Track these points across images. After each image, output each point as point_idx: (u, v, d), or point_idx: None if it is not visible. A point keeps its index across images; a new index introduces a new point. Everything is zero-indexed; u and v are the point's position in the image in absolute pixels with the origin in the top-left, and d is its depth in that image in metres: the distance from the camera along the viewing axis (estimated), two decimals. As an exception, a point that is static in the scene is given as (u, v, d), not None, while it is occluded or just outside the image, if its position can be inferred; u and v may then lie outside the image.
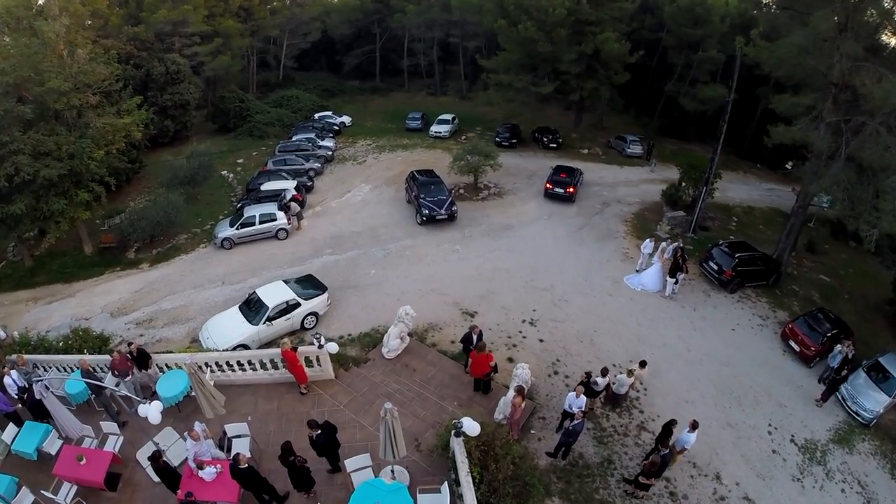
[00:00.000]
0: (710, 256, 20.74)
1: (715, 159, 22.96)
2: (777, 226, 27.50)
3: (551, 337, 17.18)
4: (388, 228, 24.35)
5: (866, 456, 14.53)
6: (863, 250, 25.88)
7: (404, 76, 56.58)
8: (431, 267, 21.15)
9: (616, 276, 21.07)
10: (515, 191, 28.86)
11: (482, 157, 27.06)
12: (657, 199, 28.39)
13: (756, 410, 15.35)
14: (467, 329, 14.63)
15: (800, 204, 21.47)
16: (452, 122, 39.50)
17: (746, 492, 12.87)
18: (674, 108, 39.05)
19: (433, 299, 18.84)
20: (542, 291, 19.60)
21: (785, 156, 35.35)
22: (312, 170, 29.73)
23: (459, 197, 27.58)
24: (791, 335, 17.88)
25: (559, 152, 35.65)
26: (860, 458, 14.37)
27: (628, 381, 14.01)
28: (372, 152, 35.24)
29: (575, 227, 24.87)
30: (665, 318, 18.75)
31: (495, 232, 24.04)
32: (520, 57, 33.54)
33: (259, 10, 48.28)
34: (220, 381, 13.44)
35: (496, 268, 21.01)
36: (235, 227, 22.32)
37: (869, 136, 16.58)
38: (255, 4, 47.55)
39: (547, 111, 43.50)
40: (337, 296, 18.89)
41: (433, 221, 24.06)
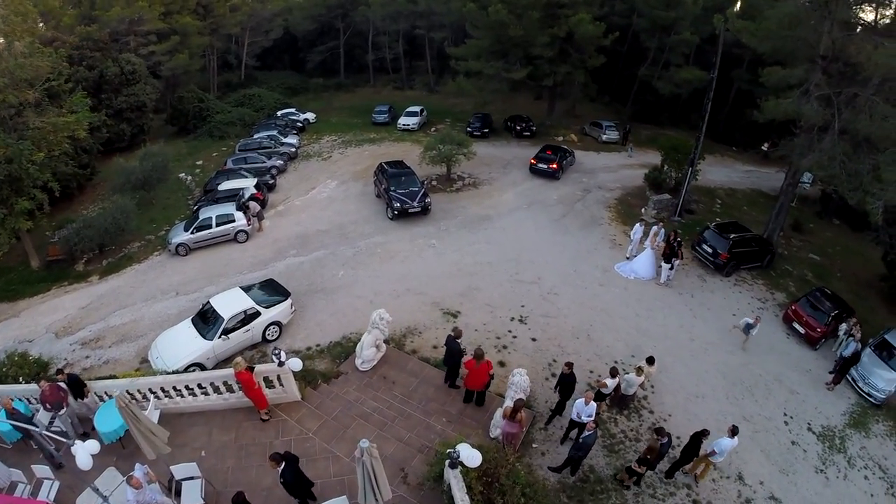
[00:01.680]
0: (703, 239, 20.07)
1: (700, 139, 22.49)
2: (760, 206, 27.57)
3: (544, 335, 15.92)
4: (356, 225, 22.75)
5: (883, 438, 14.37)
6: (847, 228, 26.39)
7: (370, 71, 55.97)
8: (406, 264, 19.60)
9: (606, 264, 20.09)
10: (491, 180, 27.68)
11: (455, 146, 25.79)
12: (639, 184, 27.87)
13: (769, 400, 14.77)
14: (449, 333, 13.14)
15: (789, 182, 21.22)
16: (421, 115, 38.81)
17: (772, 490, 12.22)
18: (647, 92, 39.14)
19: (410, 300, 17.29)
20: (530, 285, 18.35)
21: (759, 138, 35.89)
22: (275, 167, 28.41)
23: (432, 189, 26.24)
24: (795, 317, 17.35)
25: (533, 140, 34.98)
26: (878, 442, 14.17)
27: (638, 380, 12.87)
28: (338, 148, 34.04)
29: (557, 216, 23.84)
30: (663, 307, 17.85)
31: (473, 224, 22.72)
32: (490, 43, 32.82)
33: (218, 6, 47.23)
34: (169, 409, 11.91)
35: (477, 262, 19.64)
36: (190, 232, 20.67)
37: (864, 107, 16.28)
38: (214, 1, 46.62)
39: (518, 100, 42.87)
40: (302, 301, 17.19)
41: (405, 215, 22.61)
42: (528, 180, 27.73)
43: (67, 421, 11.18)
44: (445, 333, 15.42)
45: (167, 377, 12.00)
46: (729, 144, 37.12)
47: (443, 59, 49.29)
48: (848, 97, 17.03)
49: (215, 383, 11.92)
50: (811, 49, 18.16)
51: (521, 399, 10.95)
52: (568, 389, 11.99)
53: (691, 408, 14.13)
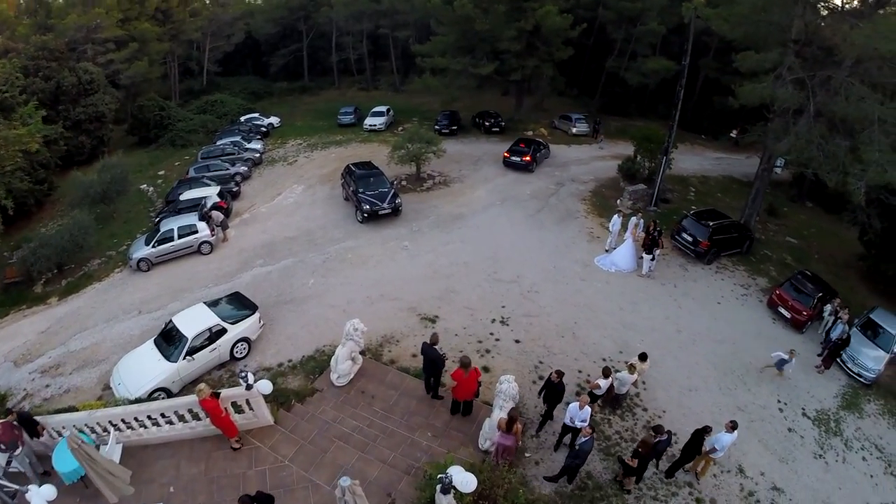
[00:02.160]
0: (683, 228, 19.81)
1: (673, 127, 22.35)
2: (733, 193, 27.74)
3: (528, 335, 15.22)
4: (325, 230, 21.71)
5: (876, 417, 14.43)
6: (820, 210, 26.78)
7: (334, 73, 55.40)
8: (379, 269, 18.66)
9: (585, 258, 19.60)
10: (462, 178, 26.99)
11: (424, 144, 25.05)
12: (612, 175, 27.67)
13: (761, 387, 14.54)
14: (425, 340, 12.26)
15: (764, 167, 21.25)
16: (387, 114, 38.32)
17: (773, 481, 11.98)
18: (615, 84, 39.30)
19: (385, 307, 16.36)
20: (509, 284, 17.65)
21: (727, 125, 36.39)
22: (239, 174, 27.44)
23: (402, 189, 25.40)
24: (780, 302, 17.19)
25: (503, 136, 34.56)
26: (871, 421, 14.21)
27: (631, 378, 12.30)
28: (303, 151, 33.15)
29: (532, 211, 23.29)
30: (647, 299, 17.43)
31: (446, 223, 21.93)
32: (456, 38, 32.40)
33: (178, 12, 46.13)
34: (132, 441, 10.94)
35: (453, 263, 18.85)
36: (152, 245, 19.58)
37: (839, 89, 16.31)
38: (173, 6, 45.44)
39: (485, 97, 42.61)
40: (271, 314, 16.13)
41: (376, 217, 21.71)
42: (500, 176, 27.18)
43: (25, 461, 10.26)
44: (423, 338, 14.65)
45: (127, 408, 10.92)
46: (698, 133, 37.55)
47: (408, 58, 49.00)
48: (822, 80, 17.05)
49: (180, 412, 10.90)
50: (783, 33, 18.20)
51: (517, 409, 10.21)
52: (555, 398, 11.28)
53: (685, 402, 13.69)
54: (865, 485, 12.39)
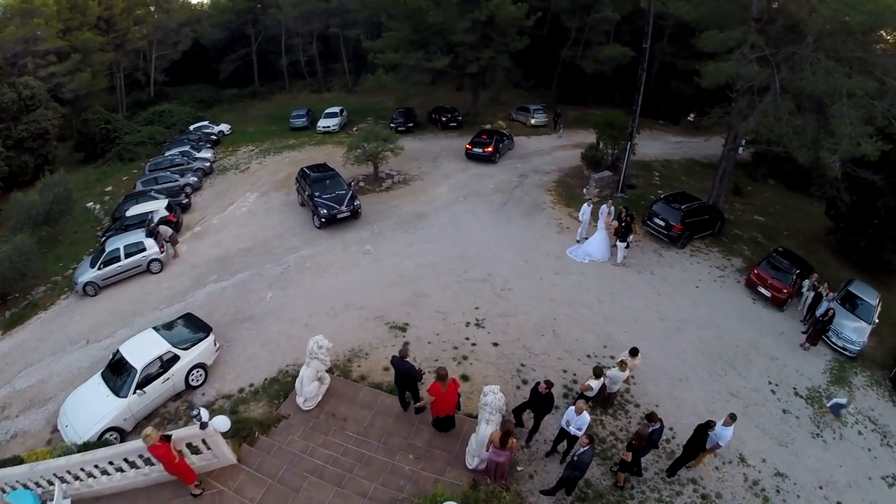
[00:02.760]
0: (654, 213, 19.41)
1: (636, 111, 22.21)
2: (697, 175, 27.88)
3: (506, 337, 14.27)
4: (282, 239, 20.29)
5: (865, 389, 14.47)
6: (783, 187, 27.21)
7: (285, 77, 54.43)
8: (341, 277, 17.35)
9: (557, 250, 18.90)
10: (422, 175, 25.95)
11: (381, 143, 23.95)
12: (575, 164, 27.29)
13: (751, 371, 14.24)
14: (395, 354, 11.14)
15: (730, 147, 21.20)
16: (341, 115, 37.53)
17: (776, 466, 11.58)
18: (571, 74, 39.22)
19: (350, 317, 15.09)
20: (481, 283, 16.69)
21: (683, 109, 36.90)
22: (189, 185, 26.09)
23: (360, 190, 24.18)
24: (759, 281, 16.98)
25: (461, 131, 33.94)
26: (861, 394, 14.20)
27: (622, 375, 11.55)
28: (256, 158, 31.74)
29: (497, 205, 22.47)
30: (625, 289, 16.85)
31: (409, 223, 20.80)
32: (408, 32, 31.61)
33: (121, 19, 44.38)
34: (81, 494, 9.83)
35: (419, 265, 17.74)
36: (97, 268, 18.00)
37: (805, 65, 16.25)
38: (116, 14, 43.71)
39: (439, 93, 42.16)
40: (229, 335, 14.73)
41: (334, 221, 20.44)
42: (462, 171, 26.33)
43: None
44: (395, 351, 13.42)
45: (70, 458, 9.62)
46: (656, 118, 37.88)
47: (360, 59, 48.26)
48: (786, 56, 16.99)
49: (130, 458, 9.60)
50: (745, 11, 18.15)
51: (511, 422, 9.22)
52: (544, 409, 10.34)
53: (677, 393, 13.11)
54: (864, 459, 12.28)
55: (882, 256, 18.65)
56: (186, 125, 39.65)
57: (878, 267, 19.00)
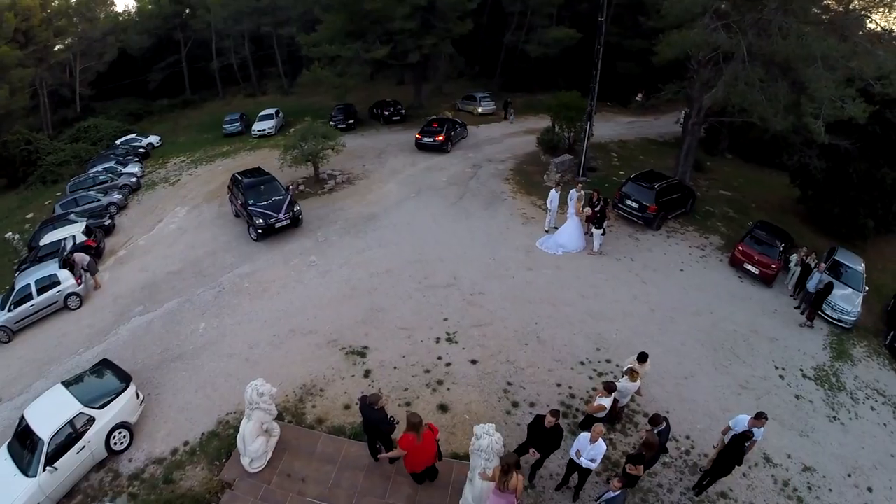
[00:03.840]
0: (626, 194, 18.03)
1: (595, 89, 20.99)
2: (653, 153, 27.17)
3: (485, 352, 12.21)
4: (215, 256, 17.41)
5: (867, 361, 13.89)
6: (740, 161, 26.82)
7: (217, 83, 51.33)
8: (284, 296, 14.74)
9: (526, 244, 17.10)
10: (367, 173, 23.51)
11: (321, 140, 21.38)
12: (530, 150, 25.81)
13: (755, 357, 13.08)
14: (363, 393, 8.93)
15: (693, 121, 20.12)
16: (277, 116, 34.90)
17: (802, 460, 10.56)
18: (515, 60, 38.26)
19: (298, 345, 12.58)
20: (446, 289, 14.57)
21: (628, 91, 36.46)
22: (113, 204, 23.24)
23: (301, 195, 21.51)
24: (744, 258, 15.92)
25: (405, 125, 31.93)
26: (864, 366, 13.61)
27: (633, 386, 9.79)
28: (186, 169, 28.52)
29: (453, 199, 20.44)
30: (608, 280, 15.26)
31: (358, 226, 18.36)
32: (344, 22, 29.27)
33: (40, 31, 39.83)
34: None
35: (373, 273, 15.38)
36: (7, 309, 15.29)
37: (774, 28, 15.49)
38: (35, 25, 39.22)
39: (380, 89, 40.24)
40: (156, 380, 11.96)
41: (272, 232, 17.81)
42: (411, 166, 24.13)
43: None
44: (355, 382, 11.26)
45: None
46: (604, 100, 37.11)
47: (295, 60, 46.25)
48: (752, 21, 16.17)
49: None
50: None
51: (512, 454, 7.15)
52: (551, 446, 8.32)
53: (685, 393, 11.60)
54: (883, 436, 11.57)
55: (856, 222, 18.16)
56: (114, 140, 36.77)
57: (852, 233, 18.53)
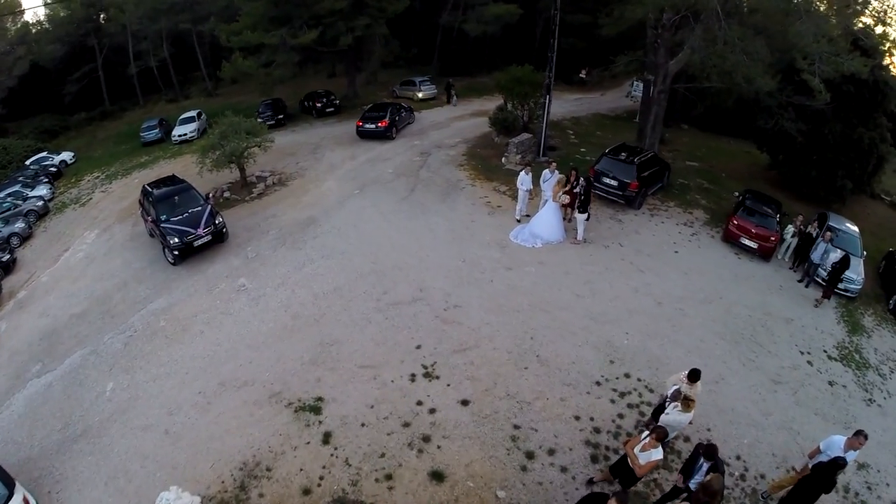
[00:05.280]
0: (602, 172, 15.86)
1: (553, 58, 18.68)
2: (609, 128, 25.76)
3: (476, 386, 9.51)
4: (126, 289, 13.75)
5: (878, 330, 12.85)
6: (696, 130, 25.75)
7: (137, 90, 46.74)
8: (209, 335, 11.36)
9: (498, 238, 14.55)
10: (302, 171, 20.09)
11: (245, 137, 17.77)
12: (480, 133, 23.38)
13: (778, 344, 11.54)
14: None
15: (660, 89, 18.39)
16: (199, 119, 31.01)
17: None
18: (451, 43, 36.29)
19: (232, 404, 9.37)
20: (413, 306, 11.72)
21: (572, 67, 35.03)
22: (15, 235, 19.43)
23: (226, 203, 17.96)
24: (741, 232, 14.30)
25: (340, 116, 28.62)
26: (878, 337, 12.59)
27: (686, 418, 7.50)
28: (100, 185, 24.35)
29: (403, 192, 17.55)
30: (601, 272, 13.04)
31: (294, 236, 15.04)
32: (267, 7, 26.12)
33: None
34: None
35: (318, 294, 12.25)
36: None
37: None
38: None
39: (310, 83, 36.86)
40: (56, 471, 8.69)
41: (192, 251, 14.33)
42: (350, 159, 20.94)
43: None
44: (313, 453, 8.33)
45: None
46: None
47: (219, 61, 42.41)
48: None
49: None
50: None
51: None
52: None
53: (721, 402, 9.66)
54: None
55: (834, 184, 17.09)
56: (24, 160, 32.14)
57: (830, 195, 17.51)
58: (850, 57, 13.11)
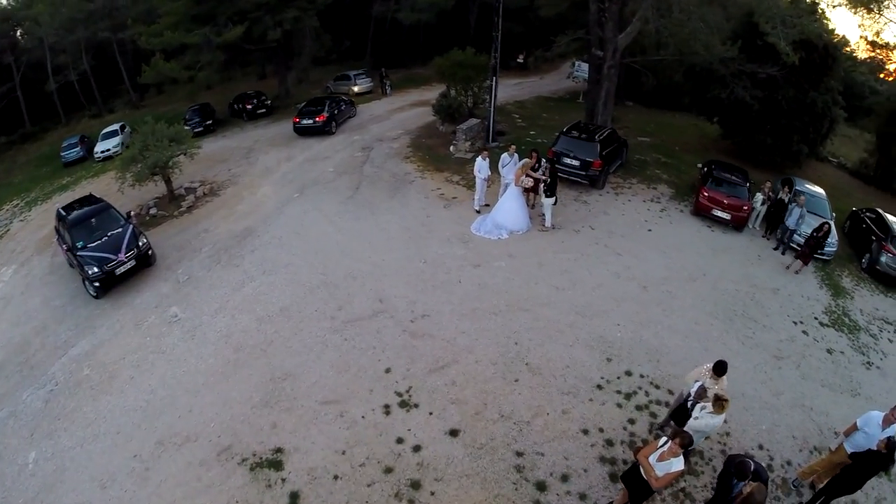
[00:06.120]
0: (562, 152, 14.75)
1: (498, 37, 17.50)
2: (554, 109, 25.13)
3: (464, 411, 8.05)
4: (46, 332, 11.28)
5: (857, 290, 12.76)
6: (640, 107, 25.46)
7: (58, 107, 42.60)
8: (140, 381, 9.24)
9: (458, 232, 13.19)
10: (235, 178, 17.80)
11: (168, 145, 15.41)
12: (423, 123, 22.02)
13: (770, 316, 10.91)
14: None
15: (610, 64, 17.54)
16: (123, 132, 28.12)
17: None
18: (385, 34, 34.94)
19: (173, 470, 7.43)
20: (374, 321, 10.10)
21: (508, 52, 34.24)
22: None
23: (152, 221, 15.52)
24: (713, 204, 13.73)
25: (273, 118, 26.30)
26: (861, 298, 12.46)
27: (720, 419, 6.39)
28: (20, 213, 21.30)
29: (348, 191, 15.81)
30: (577, 260, 11.96)
31: (230, 251, 12.95)
32: (189, 5, 23.81)
33: None
34: None
35: (263, 318, 10.36)
36: None
37: None
38: None
39: (239, 86, 34.18)
40: None
41: (115, 281, 12.09)
42: (287, 160, 18.87)
43: None
44: None
45: None
46: (484, 64, 34.89)
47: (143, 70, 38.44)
48: None
49: None
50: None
51: None
52: None
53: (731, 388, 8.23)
54: None
55: (790, 149, 17.06)
56: None
57: (786, 161, 17.47)
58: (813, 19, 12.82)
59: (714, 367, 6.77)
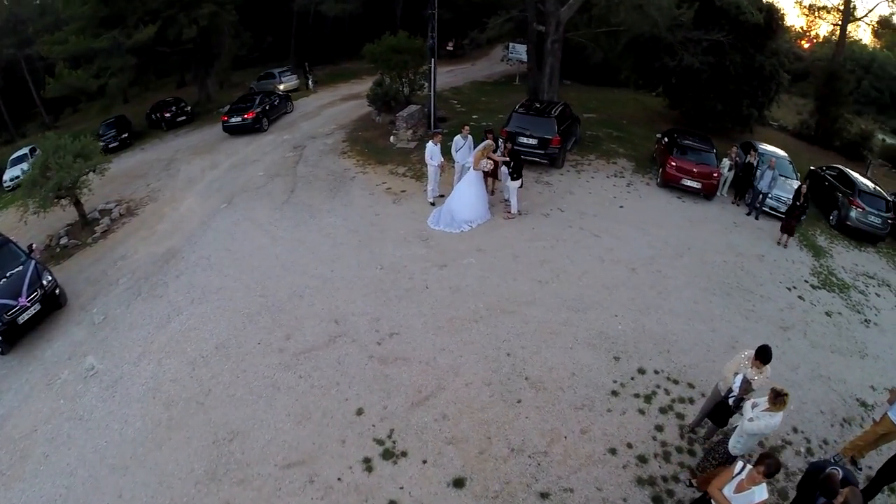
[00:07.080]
0: (518, 132, 13.45)
1: (434, 14, 16.16)
2: (491, 94, 24.45)
3: (465, 452, 6.50)
4: None
5: (835, 248, 12.72)
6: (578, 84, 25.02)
7: None
8: (57, 461, 6.86)
9: (415, 229, 11.62)
10: (155, 193, 15.14)
11: (74, 162, 12.64)
12: (356, 117, 20.32)
13: (765, 285, 10.40)
14: None
15: (553, 38, 16.63)
16: (33, 155, 24.96)
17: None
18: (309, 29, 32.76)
19: None
20: (332, 349, 8.29)
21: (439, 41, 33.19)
22: None
23: (62, 254, 12.77)
24: (682, 174, 13.09)
25: (195, 125, 23.68)
26: (839, 255, 12.40)
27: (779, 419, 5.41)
28: None
29: (282, 195, 13.77)
30: (556, 247, 10.77)
31: (152, 279, 10.56)
32: (96, 8, 21.33)
33: None
34: None
35: (196, 361, 8.25)
36: None
37: None
38: None
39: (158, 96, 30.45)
40: None
41: (18, 332, 9.64)
42: (211, 168, 16.45)
43: None
44: None
45: None
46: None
47: None
48: None
49: None
50: None
51: None
52: None
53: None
54: None
55: (740, 114, 16.89)
56: None
57: (737, 125, 17.40)
58: None
59: (757, 354, 5.73)
